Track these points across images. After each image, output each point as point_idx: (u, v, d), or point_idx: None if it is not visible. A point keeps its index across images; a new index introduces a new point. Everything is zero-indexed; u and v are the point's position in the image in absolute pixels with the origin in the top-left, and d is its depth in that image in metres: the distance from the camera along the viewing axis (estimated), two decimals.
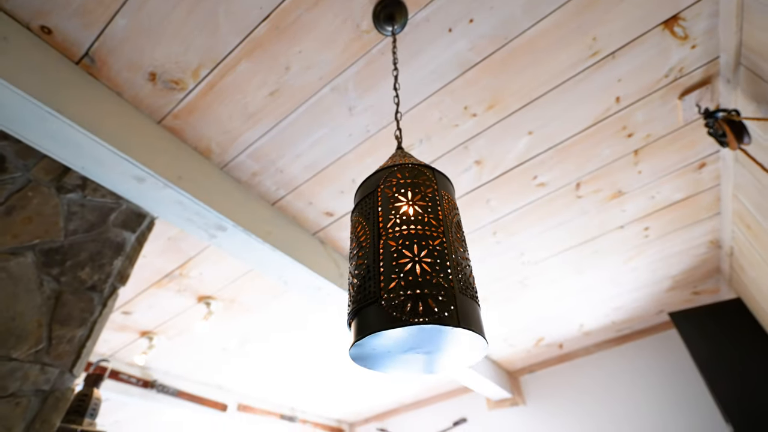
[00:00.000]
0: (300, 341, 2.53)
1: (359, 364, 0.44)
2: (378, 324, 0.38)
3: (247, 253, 1.48)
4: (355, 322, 0.42)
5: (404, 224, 0.44)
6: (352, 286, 0.46)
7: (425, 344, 0.41)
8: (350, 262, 0.49)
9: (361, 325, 0.40)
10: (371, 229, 0.46)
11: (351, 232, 0.51)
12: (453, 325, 0.37)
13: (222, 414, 3.01)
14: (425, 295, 0.38)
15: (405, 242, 0.42)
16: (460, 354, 0.43)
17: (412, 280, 0.39)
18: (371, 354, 0.43)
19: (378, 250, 0.43)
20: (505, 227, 1.81)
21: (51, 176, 1.27)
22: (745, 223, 1.72)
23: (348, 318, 0.44)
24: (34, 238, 1.17)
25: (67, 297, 1.20)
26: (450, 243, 0.44)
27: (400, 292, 0.39)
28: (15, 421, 0.99)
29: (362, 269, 0.44)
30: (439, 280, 0.40)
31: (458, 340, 0.40)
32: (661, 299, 2.52)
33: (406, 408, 3.81)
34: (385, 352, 0.42)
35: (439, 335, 0.39)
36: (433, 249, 0.42)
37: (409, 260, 0.41)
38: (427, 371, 0.46)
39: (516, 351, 2.99)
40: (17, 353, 1.05)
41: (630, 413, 2.73)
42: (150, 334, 2.26)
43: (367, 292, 0.41)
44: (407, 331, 0.38)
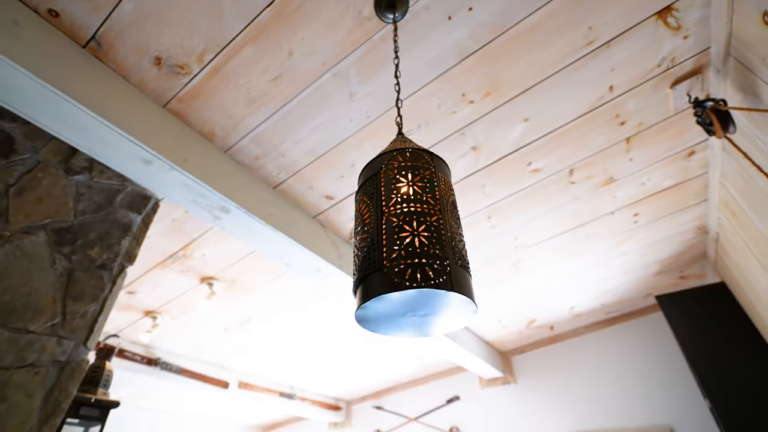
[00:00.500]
0: (299, 322, 2.61)
1: (363, 326, 0.50)
2: (381, 288, 0.43)
3: (249, 234, 1.53)
4: (360, 288, 0.48)
5: (404, 203, 0.49)
6: (357, 258, 0.51)
7: (422, 307, 0.46)
8: (355, 237, 0.54)
9: (366, 290, 0.46)
10: (375, 207, 0.51)
11: (356, 210, 0.56)
12: (447, 289, 0.42)
13: (224, 391, 3.11)
14: (423, 264, 0.44)
15: (405, 218, 0.48)
16: (452, 317, 0.48)
17: (412, 251, 0.45)
18: (374, 317, 0.48)
19: (381, 225, 0.48)
20: (499, 212, 1.86)
21: (59, 158, 1.31)
22: (730, 210, 1.79)
23: (353, 285, 0.50)
24: (45, 218, 1.21)
25: (79, 274, 1.25)
26: (445, 220, 0.49)
27: (401, 261, 0.44)
28: (35, 389, 1.06)
29: (367, 242, 0.49)
30: (435, 251, 0.45)
31: (451, 303, 0.45)
32: (649, 283, 2.61)
33: (402, 386, 3.94)
34: (386, 315, 0.48)
35: (435, 299, 0.45)
36: (431, 225, 0.47)
37: (408, 234, 0.46)
38: (423, 334, 0.52)
39: (508, 332, 3.09)
40: (34, 326, 1.10)
41: (616, 392, 2.85)
42: (154, 313, 2.33)
43: (372, 262, 0.47)
44: (407, 294, 0.44)
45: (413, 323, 0.49)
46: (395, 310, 0.47)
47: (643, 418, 2.67)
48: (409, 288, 0.42)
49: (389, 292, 0.42)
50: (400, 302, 0.45)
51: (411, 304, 0.46)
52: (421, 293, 0.43)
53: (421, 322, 0.49)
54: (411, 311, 0.47)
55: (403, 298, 0.44)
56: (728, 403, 1.91)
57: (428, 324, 0.50)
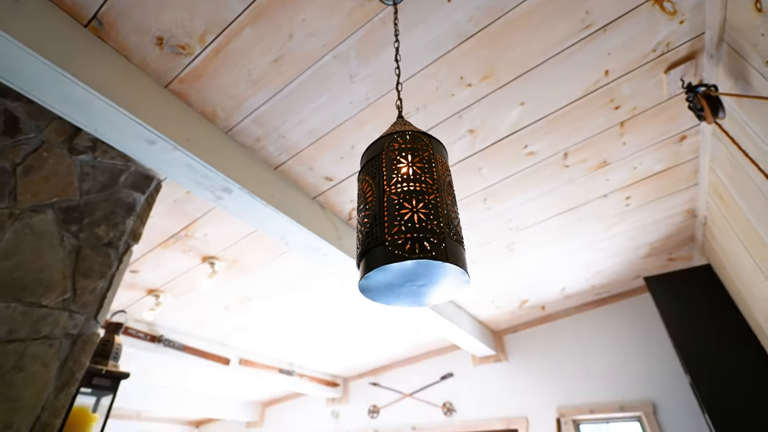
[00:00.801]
0: (299, 301, 2.68)
1: (366, 296, 0.55)
2: (383, 260, 0.48)
3: (251, 214, 1.57)
4: (363, 260, 0.52)
5: (404, 182, 0.53)
6: (360, 233, 0.55)
7: (420, 278, 0.51)
8: (358, 214, 0.58)
9: (369, 261, 0.50)
10: (377, 186, 0.55)
11: (358, 189, 0.60)
12: (443, 260, 0.47)
13: (225, 367, 3.20)
14: (421, 238, 0.48)
15: (405, 197, 0.52)
16: (447, 287, 0.53)
17: (411, 226, 0.49)
18: (376, 287, 0.53)
19: (383, 202, 0.52)
20: (495, 194, 1.91)
21: (62, 138, 1.33)
22: (718, 194, 1.84)
23: (357, 258, 0.54)
24: (52, 197, 1.24)
25: (87, 252, 1.29)
26: (442, 198, 0.53)
27: (401, 235, 0.48)
28: (50, 359, 1.11)
29: (369, 218, 0.54)
30: (433, 226, 0.49)
31: (446, 274, 0.50)
32: (638, 265, 2.69)
33: (398, 364, 4.06)
34: (387, 285, 0.52)
35: (432, 269, 0.49)
36: (428, 202, 0.51)
37: (408, 211, 0.50)
38: (420, 303, 0.57)
39: (501, 312, 3.18)
40: (47, 301, 1.15)
41: (603, 369, 2.97)
42: (156, 292, 2.38)
43: (374, 236, 0.51)
44: (406, 265, 0.48)
45: (412, 293, 0.54)
46: (395, 280, 0.51)
47: (628, 393, 2.80)
48: (409, 259, 0.46)
49: (390, 263, 0.47)
50: (400, 273, 0.50)
51: (410, 274, 0.50)
52: (419, 264, 0.48)
53: (419, 291, 0.54)
54: (410, 281, 0.51)
55: (403, 268, 0.49)
56: (707, 377, 2.01)
57: (425, 294, 0.54)
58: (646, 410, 2.68)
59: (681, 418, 2.57)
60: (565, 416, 2.96)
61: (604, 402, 2.86)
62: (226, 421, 5.27)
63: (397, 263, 0.47)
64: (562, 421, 2.96)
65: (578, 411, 2.92)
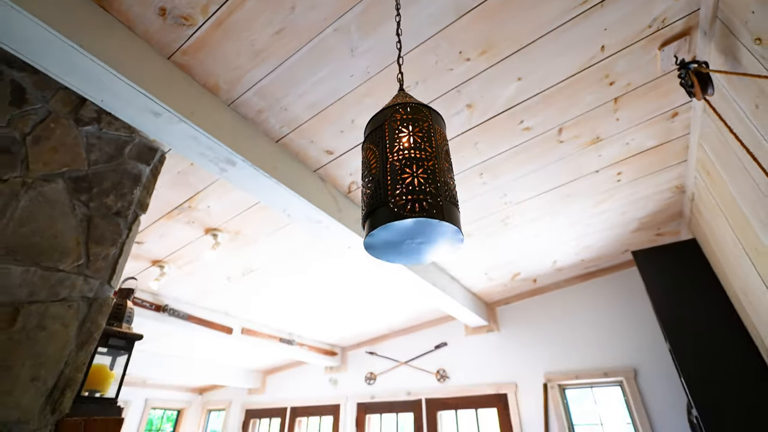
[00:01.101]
0: (299, 272, 2.76)
1: (370, 253, 0.61)
2: (387, 218, 0.54)
3: (254, 186, 1.61)
4: (369, 220, 0.58)
5: (406, 150, 0.58)
6: (365, 196, 0.61)
7: (419, 236, 0.57)
8: (363, 179, 0.64)
9: (374, 220, 0.56)
10: (380, 154, 0.60)
11: (363, 157, 0.65)
12: (439, 218, 0.53)
13: (228, 336, 3.33)
14: (420, 199, 0.54)
15: (406, 163, 0.57)
16: (443, 244, 0.59)
17: (411, 189, 0.55)
18: (379, 245, 0.59)
19: (386, 168, 0.58)
20: (491, 169, 1.96)
21: (68, 108, 1.35)
22: (706, 170, 1.90)
23: (363, 219, 0.60)
24: (62, 167, 1.28)
25: (98, 221, 1.34)
26: (440, 165, 0.59)
27: (402, 197, 0.54)
28: (70, 320, 1.18)
29: (373, 183, 0.59)
30: (431, 189, 0.55)
31: (442, 232, 0.56)
32: (627, 240, 2.78)
33: (394, 334, 4.22)
34: (389, 243, 0.59)
35: (429, 228, 0.55)
36: (427, 168, 0.57)
37: (409, 175, 0.56)
38: (419, 261, 0.63)
39: (494, 284, 3.30)
40: (63, 266, 1.21)
41: (589, 338, 3.12)
42: (161, 263, 2.45)
43: (378, 198, 0.57)
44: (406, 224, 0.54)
45: (411, 250, 0.60)
46: (397, 238, 0.57)
47: (611, 361, 2.96)
48: (409, 217, 0.52)
49: (393, 221, 0.53)
50: (401, 231, 0.56)
51: (410, 232, 0.56)
52: (418, 222, 0.54)
53: (418, 249, 0.60)
54: (410, 239, 0.57)
55: (404, 227, 0.55)
56: (685, 344, 2.14)
57: (423, 251, 0.61)
58: (627, 376, 2.84)
59: (659, 383, 2.73)
60: (552, 381, 3.13)
61: (589, 368, 3.02)
62: (229, 388, 5.49)
63: (398, 221, 0.53)
64: (549, 386, 3.13)
65: (564, 377, 3.09)
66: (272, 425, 4.91)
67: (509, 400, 3.26)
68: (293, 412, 4.66)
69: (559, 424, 2.98)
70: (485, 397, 3.41)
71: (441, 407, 3.61)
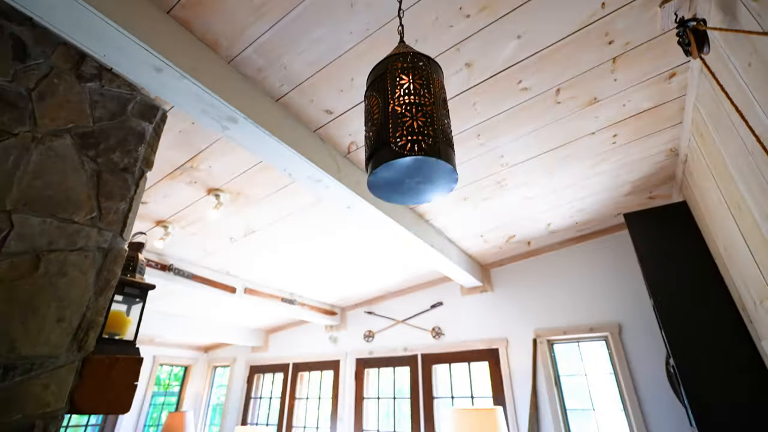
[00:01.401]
0: (299, 233, 2.84)
1: (374, 192, 0.66)
2: (389, 157, 0.59)
3: (256, 145, 1.65)
4: (372, 160, 0.63)
5: (406, 96, 0.63)
6: (368, 139, 0.66)
7: (417, 174, 0.62)
8: (366, 125, 0.68)
9: (377, 159, 0.61)
10: (383, 100, 0.65)
11: (366, 106, 0.70)
12: (436, 157, 0.58)
13: (231, 295, 3.46)
14: (419, 140, 0.59)
15: (406, 107, 0.62)
16: (439, 184, 0.65)
17: (411, 131, 0.59)
18: (382, 184, 0.65)
19: (388, 112, 0.63)
20: (488, 130, 1.99)
21: (69, 64, 1.36)
22: (699, 132, 1.94)
23: (366, 159, 0.65)
24: (68, 123, 1.31)
25: (106, 176, 1.38)
26: (437, 110, 0.63)
27: (402, 138, 0.59)
28: (88, 268, 1.26)
29: (376, 126, 0.64)
30: (429, 131, 0.60)
31: (439, 170, 0.61)
32: (620, 203, 2.85)
33: (391, 295, 4.38)
34: (391, 182, 0.64)
35: (427, 166, 0.60)
36: (426, 112, 0.61)
37: (409, 119, 0.60)
38: (418, 201, 0.69)
39: (489, 247, 3.40)
40: (77, 218, 1.27)
41: (578, 298, 3.26)
42: (165, 223, 2.51)
43: (381, 140, 0.62)
44: (406, 162, 0.59)
45: (411, 190, 0.66)
46: (398, 177, 0.63)
47: (598, 317, 3.12)
48: (409, 155, 0.58)
49: (394, 159, 0.58)
50: (402, 169, 0.61)
51: (409, 171, 0.62)
52: (417, 160, 0.59)
53: (417, 188, 0.66)
54: (409, 177, 0.63)
55: (404, 165, 0.60)
56: (668, 299, 2.26)
57: (422, 191, 0.66)
58: (612, 331, 3.01)
59: (641, 337, 2.90)
60: (541, 337, 3.31)
61: (577, 324, 3.19)
62: (233, 346, 5.73)
63: (399, 159, 0.58)
64: (538, 341, 3.31)
65: (553, 333, 3.26)
66: (276, 380, 5.18)
67: (500, 355, 3.46)
68: (295, 367, 4.92)
69: (546, 375, 3.18)
70: (478, 351, 3.60)
71: (436, 361, 3.83)
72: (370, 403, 4.16)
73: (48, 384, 1.10)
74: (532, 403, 3.15)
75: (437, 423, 3.61)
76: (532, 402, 3.16)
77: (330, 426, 4.26)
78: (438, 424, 3.61)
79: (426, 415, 3.66)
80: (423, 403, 3.72)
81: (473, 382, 3.60)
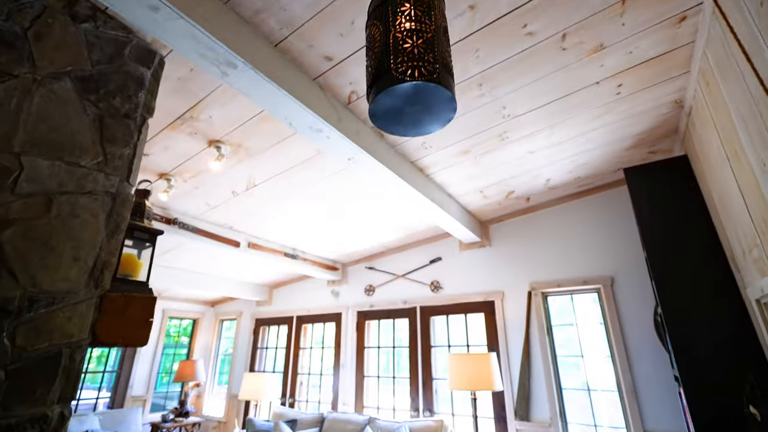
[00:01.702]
0: (301, 188, 2.87)
1: (375, 123, 0.68)
2: (390, 83, 0.60)
3: (256, 91, 1.63)
4: (374, 88, 0.65)
5: (407, 22, 0.63)
6: (370, 67, 0.67)
7: (418, 101, 0.64)
8: (367, 54, 0.69)
9: (379, 86, 0.63)
10: (383, 27, 0.65)
11: (367, 35, 0.70)
12: (436, 83, 0.60)
13: (236, 249, 3.55)
14: (420, 66, 0.60)
15: (407, 35, 0.62)
16: (438, 112, 0.67)
17: (411, 57, 0.60)
18: (383, 114, 0.66)
19: (389, 39, 0.63)
20: (491, 79, 1.95)
21: (62, 2, 1.32)
22: (706, 80, 1.90)
23: (368, 88, 0.67)
24: (67, 65, 1.30)
25: (109, 121, 1.39)
26: (438, 38, 0.64)
27: (403, 64, 0.60)
28: (98, 211, 1.30)
29: (378, 54, 0.65)
30: (429, 58, 0.61)
31: (438, 97, 0.63)
32: (621, 157, 2.85)
33: (391, 251, 4.49)
34: (391, 111, 0.66)
35: (427, 92, 0.62)
36: (426, 40, 0.62)
37: (410, 45, 0.61)
38: (418, 132, 0.71)
39: (489, 203, 3.44)
40: (84, 162, 1.29)
41: (575, 252, 3.35)
42: (167, 175, 2.54)
43: (382, 67, 0.63)
44: (407, 88, 0.61)
45: (410, 119, 0.68)
46: (398, 105, 0.65)
47: (592, 271, 3.22)
48: (410, 81, 0.59)
49: (395, 85, 0.60)
50: (402, 96, 0.63)
51: (410, 98, 0.63)
52: (417, 87, 0.61)
53: (416, 118, 0.68)
54: (409, 105, 0.65)
55: (404, 91, 0.62)
56: (659, 251, 2.33)
57: (421, 121, 0.68)
58: (605, 283, 3.12)
59: (632, 290, 3.01)
60: (536, 290, 3.43)
61: (571, 278, 3.30)
62: (238, 300, 5.95)
63: (400, 85, 0.59)
64: (533, 294, 3.44)
65: (547, 285, 3.38)
66: (280, 331, 5.43)
67: (496, 306, 3.61)
68: (299, 320, 5.14)
69: (539, 325, 3.33)
70: (475, 303, 3.75)
71: (434, 313, 3.99)
72: (371, 352, 4.39)
73: (71, 317, 1.18)
74: (525, 350, 3.33)
75: (434, 369, 3.84)
76: (525, 350, 3.33)
77: (333, 373, 4.52)
78: (435, 369, 3.84)
79: (424, 362, 3.88)
80: (421, 352, 3.93)
81: (469, 332, 3.78)
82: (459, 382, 2.91)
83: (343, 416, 3.67)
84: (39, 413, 1.06)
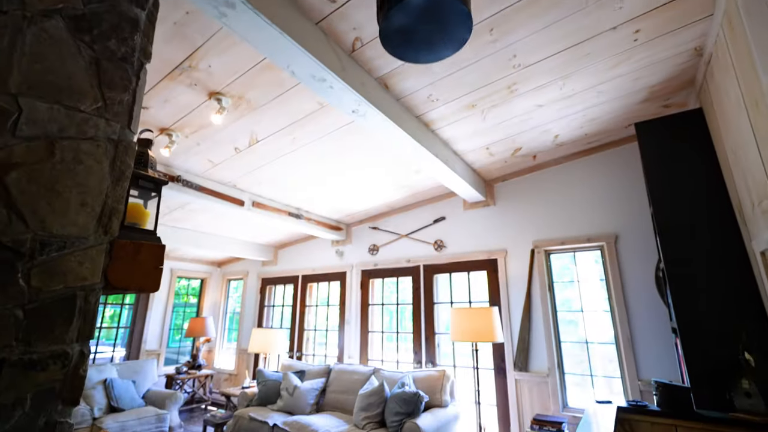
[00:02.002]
0: (304, 144, 2.82)
1: (386, 46, 0.65)
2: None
3: (256, 35, 1.56)
4: (384, 5, 0.61)
5: None
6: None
7: (431, 21, 0.60)
8: None
9: (390, 2, 0.59)
10: None
11: None
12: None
13: (240, 208, 3.56)
14: None
15: None
16: (454, 34, 0.63)
17: None
18: (394, 34, 0.63)
19: None
20: (502, 23, 1.85)
21: None
22: (731, 23, 1.80)
23: (377, 10, 0.63)
24: (57, 2, 1.23)
25: (105, 64, 1.34)
26: None
27: None
28: (101, 157, 1.28)
29: None
30: None
31: (453, 14, 0.59)
32: (633, 112, 2.77)
33: (395, 211, 4.49)
34: (403, 33, 0.62)
35: (441, 10, 0.58)
36: None
37: None
38: (429, 57, 0.67)
39: (494, 160, 3.39)
40: (83, 106, 1.26)
41: (580, 210, 3.33)
42: (168, 130, 2.49)
43: None
44: (420, 3, 0.57)
45: (423, 43, 0.64)
46: (410, 23, 0.61)
47: (596, 228, 3.22)
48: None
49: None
50: (415, 12, 0.59)
51: (423, 15, 0.59)
52: (431, 3, 0.57)
53: (430, 41, 0.64)
54: (423, 23, 0.61)
55: (417, 6, 0.58)
56: (666, 206, 2.31)
57: (435, 43, 0.65)
58: (608, 240, 3.13)
59: (635, 246, 3.03)
60: (539, 247, 3.46)
61: (575, 236, 3.31)
62: (244, 261, 6.06)
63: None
64: (536, 251, 3.47)
65: (551, 243, 3.40)
66: (286, 290, 5.57)
67: (499, 264, 3.65)
68: (304, 279, 5.25)
69: (541, 282, 3.39)
70: (478, 262, 3.80)
71: (437, 271, 4.06)
72: (375, 309, 4.51)
73: (82, 261, 1.20)
74: (526, 306, 3.41)
75: (437, 324, 3.95)
76: (526, 305, 3.41)
77: (338, 328, 4.68)
78: (438, 325, 3.96)
79: (427, 317, 3.99)
80: (424, 308, 4.03)
81: (472, 289, 3.86)
82: (461, 334, 3.00)
83: (349, 367, 3.83)
84: (60, 350, 1.10)
